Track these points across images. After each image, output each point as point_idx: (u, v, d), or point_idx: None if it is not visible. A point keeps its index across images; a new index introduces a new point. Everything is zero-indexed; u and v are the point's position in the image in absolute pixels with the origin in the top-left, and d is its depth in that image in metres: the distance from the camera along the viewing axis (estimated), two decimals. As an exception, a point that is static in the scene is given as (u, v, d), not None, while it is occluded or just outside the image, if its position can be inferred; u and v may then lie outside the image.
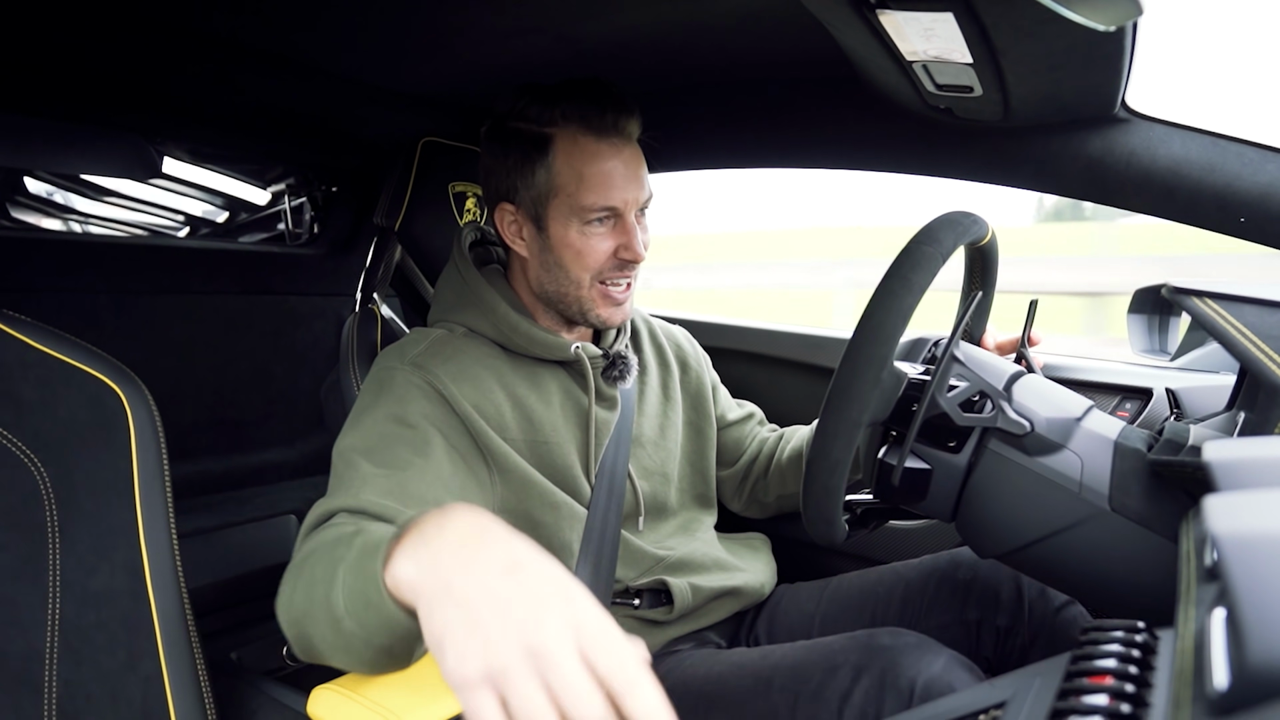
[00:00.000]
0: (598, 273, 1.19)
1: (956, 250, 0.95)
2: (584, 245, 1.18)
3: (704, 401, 1.47)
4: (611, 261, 1.19)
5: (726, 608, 1.33)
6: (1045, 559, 0.94)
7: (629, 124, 1.18)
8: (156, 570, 0.95)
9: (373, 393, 1.14)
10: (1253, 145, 1.16)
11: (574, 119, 1.15)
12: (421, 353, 1.16)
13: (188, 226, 2.34)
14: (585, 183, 1.15)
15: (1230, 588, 0.41)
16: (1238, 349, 0.81)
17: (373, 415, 1.10)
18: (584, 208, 1.16)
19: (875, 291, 0.90)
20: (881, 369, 0.88)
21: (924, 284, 0.89)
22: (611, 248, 1.19)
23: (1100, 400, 1.37)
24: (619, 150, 1.17)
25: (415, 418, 1.09)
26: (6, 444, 0.90)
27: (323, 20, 1.28)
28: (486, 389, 1.16)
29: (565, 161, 1.16)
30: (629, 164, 1.18)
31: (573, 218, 1.17)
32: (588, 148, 1.16)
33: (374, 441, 1.06)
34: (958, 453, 0.95)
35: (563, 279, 1.21)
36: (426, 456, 1.05)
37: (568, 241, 1.18)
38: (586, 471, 1.24)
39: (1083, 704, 0.48)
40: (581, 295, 1.21)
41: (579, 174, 1.15)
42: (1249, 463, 0.61)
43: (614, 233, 1.19)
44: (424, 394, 1.12)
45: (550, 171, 1.16)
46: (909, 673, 0.97)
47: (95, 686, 0.92)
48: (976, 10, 0.89)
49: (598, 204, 1.15)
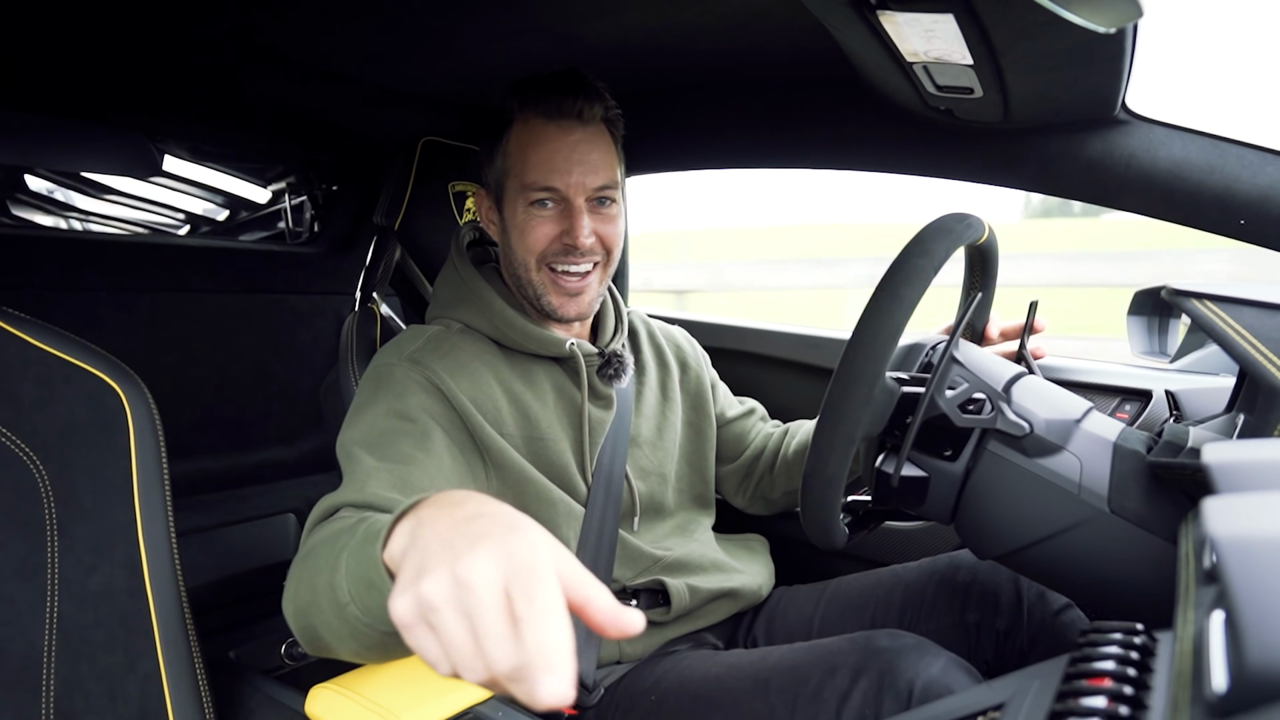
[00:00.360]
0: (542, 256, 1.20)
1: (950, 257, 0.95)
2: (527, 225, 1.19)
3: (704, 401, 1.47)
4: (556, 246, 1.19)
5: (724, 609, 1.33)
6: (1044, 561, 0.94)
7: (585, 108, 1.17)
8: (155, 569, 0.95)
9: (371, 388, 1.14)
10: (1253, 147, 1.16)
11: (529, 103, 1.17)
12: (419, 349, 1.17)
13: (188, 225, 2.34)
14: (528, 162, 1.17)
15: (1229, 590, 0.41)
16: (1237, 351, 0.81)
17: (373, 410, 1.11)
18: (525, 186, 1.17)
19: (865, 307, 0.90)
20: (873, 386, 0.88)
21: (915, 298, 0.89)
22: (554, 232, 1.19)
23: (1099, 402, 1.37)
24: (567, 132, 1.17)
25: (415, 412, 1.10)
26: (6, 442, 0.90)
27: (324, 19, 1.28)
28: (484, 384, 1.17)
29: (516, 143, 1.18)
30: (578, 147, 1.17)
31: (519, 198, 1.18)
32: (536, 129, 1.17)
33: (375, 436, 1.07)
34: (954, 460, 0.95)
35: (515, 262, 1.23)
36: (428, 450, 1.06)
37: (515, 222, 1.20)
38: (582, 470, 1.24)
39: (1081, 706, 0.48)
40: (532, 279, 1.22)
41: (525, 154, 1.17)
42: (1248, 465, 0.61)
43: (558, 217, 1.19)
44: (422, 388, 1.13)
45: (505, 154, 1.20)
46: (907, 674, 0.97)
47: (93, 685, 0.92)
48: (977, 11, 0.89)
49: (537, 183, 1.16)
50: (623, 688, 1.19)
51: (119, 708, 0.92)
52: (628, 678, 1.20)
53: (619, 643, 1.23)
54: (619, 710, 1.16)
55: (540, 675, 0.51)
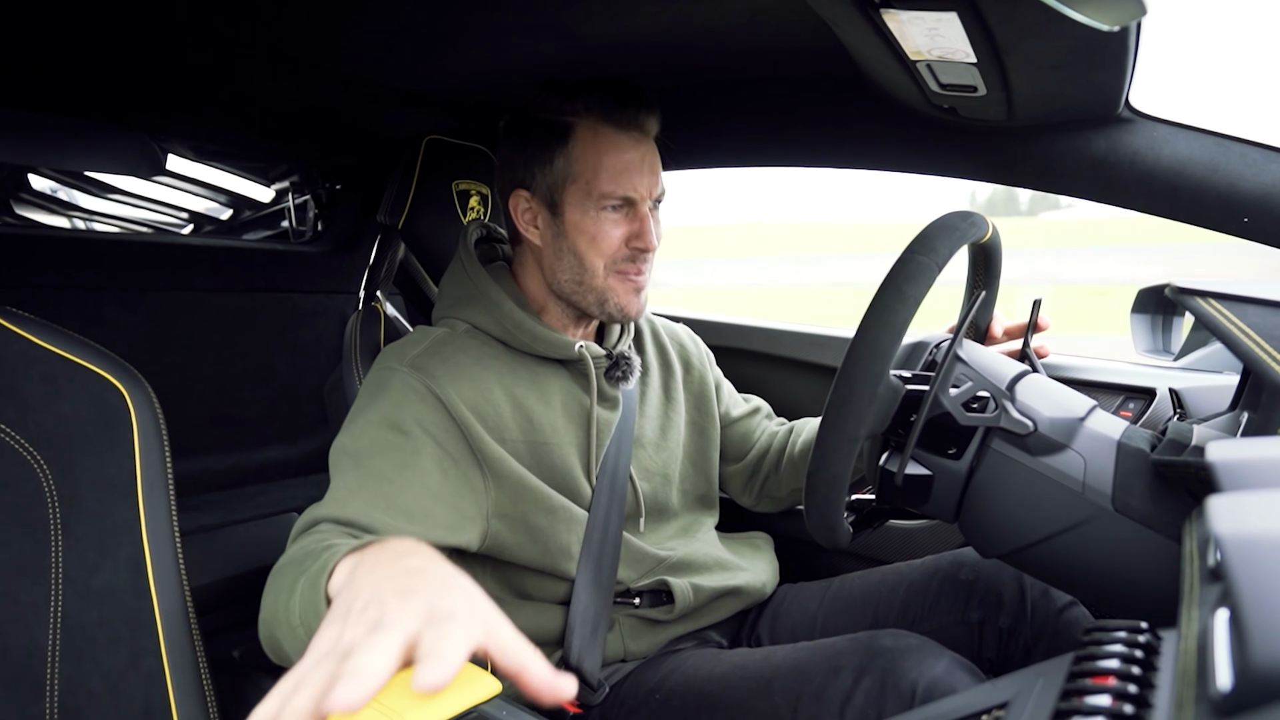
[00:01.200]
0: (611, 260, 1.21)
1: (953, 257, 0.95)
2: (598, 231, 1.19)
3: (707, 401, 1.47)
4: (624, 251, 1.21)
5: (728, 607, 1.33)
6: (1048, 559, 0.94)
7: (649, 120, 1.21)
8: (159, 568, 0.95)
9: (370, 394, 1.14)
10: (1257, 146, 1.16)
11: (596, 110, 1.18)
12: (421, 353, 1.16)
13: (191, 224, 2.35)
14: (603, 171, 1.18)
15: (1233, 589, 0.41)
16: (1241, 349, 0.81)
17: (367, 418, 1.11)
18: (601, 194, 1.18)
19: (869, 306, 0.90)
20: (877, 384, 0.88)
21: (919, 296, 0.89)
22: (624, 235, 1.20)
23: (1103, 400, 1.37)
24: (638, 143, 1.20)
25: (409, 423, 1.10)
26: (9, 441, 0.90)
27: (328, 18, 1.28)
28: (485, 389, 1.16)
29: (585, 150, 1.18)
30: (646, 157, 1.21)
31: (589, 204, 1.19)
32: (608, 137, 1.18)
33: (365, 446, 1.08)
34: (958, 459, 0.95)
35: (576, 266, 1.21)
36: (415, 467, 1.07)
37: (583, 227, 1.19)
38: (587, 472, 1.24)
39: (1085, 704, 0.48)
40: (597, 284, 1.22)
41: (598, 162, 1.18)
42: (1252, 463, 0.61)
43: (627, 220, 1.20)
44: (420, 397, 1.12)
45: (569, 159, 1.19)
46: (910, 675, 0.97)
47: (97, 684, 0.92)
48: (980, 10, 0.89)
49: (615, 192, 1.18)
50: (627, 686, 1.19)
51: (122, 706, 0.92)
52: (632, 676, 1.20)
53: (624, 641, 1.23)
54: (623, 709, 1.16)
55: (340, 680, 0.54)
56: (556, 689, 0.58)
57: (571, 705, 1.17)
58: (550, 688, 0.58)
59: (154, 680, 0.94)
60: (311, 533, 0.98)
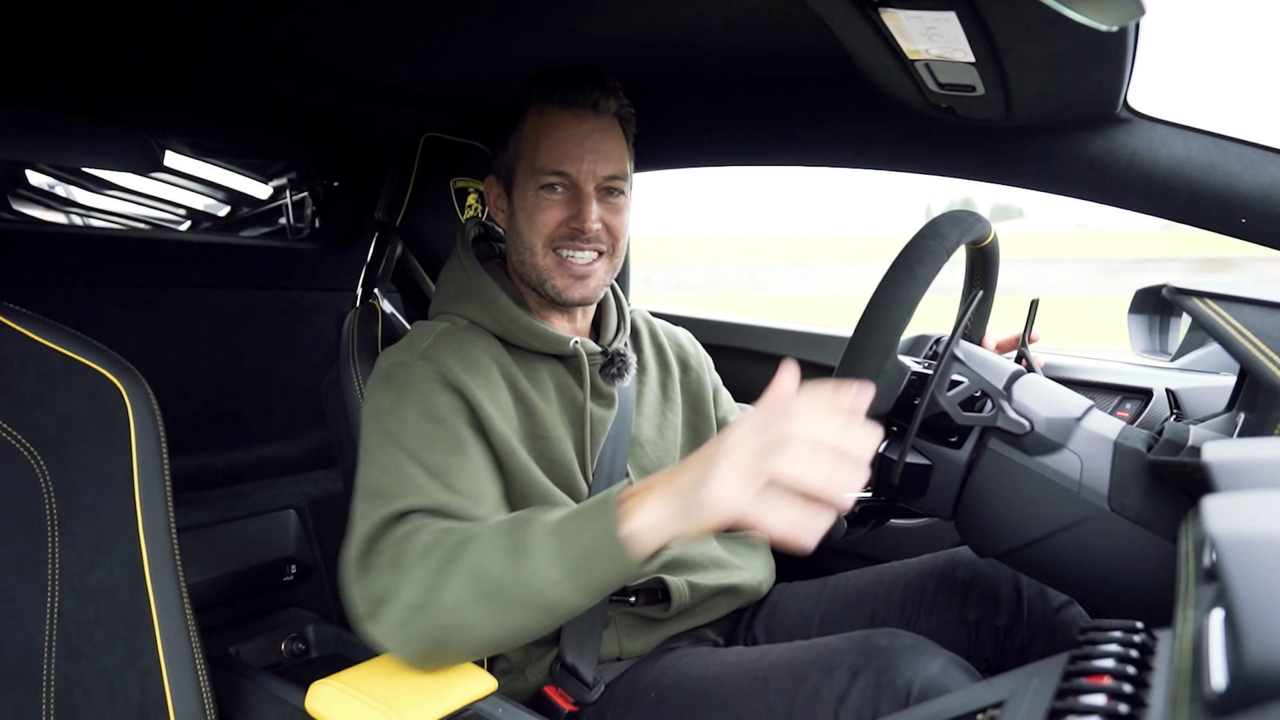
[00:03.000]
0: (549, 239, 1.21)
1: (960, 247, 0.95)
2: (536, 208, 1.20)
3: (704, 403, 1.47)
4: (564, 230, 1.20)
5: (724, 605, 1.33)
6: (1044, 558, 0.94)
7: (601, 100, 1.21)
8: (156, 565, 0.95)
9: (395, 391, 1.14)
10: (1254, 146, 1.16)
11: (545, 92, 1.20)
12: (430, 345, 1.17)
13: (189, 220, 2.34)
14: (541, 147, 1.19)
15: (1228, 589, 0.41)
16: (1238, 350, 0.81)
17: (403, 414, 1.11)
18: (536, 170, 1.19)
19: (880, 282, 0.90)
20: (885, 359, 0.88)
21: (929, 276, 0.89)
22: (562, 216, 1.20)
23: (1100, 400, 1.37)
24: (582, 121, 1.20)
25: (444, 412, 1.11)
26: (6, 437, 0.90)
27: (326, 16, 1.27)
28: (493, 380, 1.17)
29: (530, 129, 1.21)
30: (591, 135, 1.20)
31: (529, 182, 1.20)
32: (551, 115, 1.20)
33: (413, 440, 1.08)
34: (959, 448, 0.95)
35: (521, 246, 1.23)
36: (462, 454, 1.09)
37: (524, 205, 1.21)
38: (584, 469, 1.24)
39: (1081, 704, 0.48)
40: (538, 263, 1.22)
41: (538, 139, 1.20)
42: (1248, 464, 0.61)
43: (567, 202, 1.20)
44: (442, 386, 1.13)
45: (519, 138, 1.21)
46: (906, 674, 0.97)
47: (93, 681, 0.92)
48: (979, 9, 0.89)
49: (549, 167, 1.19)
50: (623, 684, 1.19)
51: (119, 703, 0.92)
52: (628, 674, 1.20)
53: (619, 640, 1.23)
54: (619, 707, 1.16)
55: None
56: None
57: (567, 702, 1.17)
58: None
59: (150, 677, 0.94)
60: (405, 523, 1.00)
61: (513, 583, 0.88)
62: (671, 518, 0.80)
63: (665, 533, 0.81)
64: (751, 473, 0.74)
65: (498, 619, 0.90)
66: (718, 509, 0.75)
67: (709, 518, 0.76)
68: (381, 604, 0.95)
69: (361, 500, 1.06)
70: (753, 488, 0.73)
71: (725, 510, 0.75)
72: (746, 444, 0.75)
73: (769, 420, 0.75)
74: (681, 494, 0.79)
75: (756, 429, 0.76)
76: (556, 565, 0.86)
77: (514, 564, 0.88)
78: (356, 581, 0.99)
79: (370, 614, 0.96)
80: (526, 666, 1.20)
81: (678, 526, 0.80)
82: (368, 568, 0.98)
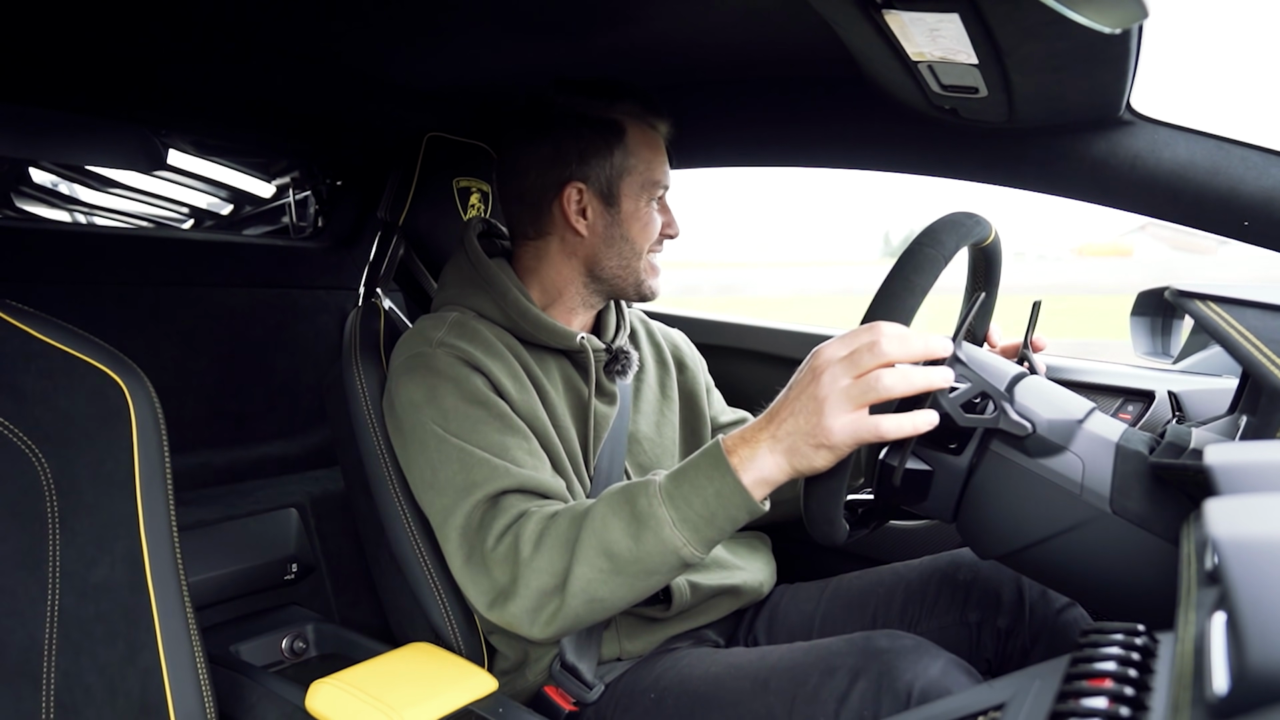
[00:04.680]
0: (650, 246, 1.30)
1: (959, 252, 0.95)
2: (649, 219, 1.29)
3: (699, 402, 1.48)
4: (658, 236, 1.31)
5: (725, 606, 1.33)
6: (1046, 561, 0.94)
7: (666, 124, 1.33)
8: (157, 563, 0.95)
9: (424, 380, 1.15)
10: (1258, 149, 1.16)
11: (638, 113, 1.28)
12: (445, 333, 1.19)
13: (192, 219, 2.35)
14: (654, 164, 1.29)
15: (1230, 592, 0.41)
16: (1240, 352, 0.81)
17: (442, 403, 1.13)
18: (654, 183, 1.28)
19: (877, 293, 0.91)
20: None
21: (926, 285, 0.90)
22: (661, 223, 1.31)
23: (1102, 402, 1.37)
24: (664, 138, 1.32)
25: (481, 393, 1.15)
26: (8, 435, 0.90)
27: (330, 14, 1.28)
28: (510, 363, 1.20)
29: (638, 145, 1.27)
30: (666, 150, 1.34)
31: (643, 194, 1.28)
32: (651, 136, 1.30)
33: (467, 428, 1.12)
34: (959, 454, 0.95)
35: (627, 251, 1.28)
36: (513, 428, 1.15)
37: (637, 215, 1.28)
38: (586, 464, 1.24)
39: (1082, 706, 0.48)
40: (638, 266, 1.30)
41: (649, 155, 1.28)
42: (1250, 466, 0.61)
43: (662, 210, 1.32)
44: (469, 370, 1.16)
45: (627, 153, 1.26)
46: (906, 676, 0.97)
47: (94, 678, 0.92)
48: (982, 11, 0.89)
49: (663, 182, 1.29)
50: (623, 685, 1.19)
51: (119, 701, 0.92)
52: (628, 675, 1.20)
53: (620, 640, 1.23)
54: (619, 707, 1.16)
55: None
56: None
57: (567, 702, 1.18)
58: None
59: (151, 675, 0.94)
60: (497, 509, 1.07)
61: (643, 553, 0.98)
62: (787, 460, 0.92)
63: (782, 476, 0.93)
64: (859, 400, 0.86)
65: (628, 588, 1.01)
66: (842, 440, 0.87)
67: (832, 451, 0.88)
68: (509, 594, 1.04)
69: (436, 496, 1.11)
70: (863, 412, 0.86)
71: (848, 439, 0.87)
72: (841, 379, 0.87)
73: (855, 353, 0.86)
74: (792, 437, 0.90)
75: (846, 365, 0.87)
76: (682, 528, 0.96)
77: (639, 536, 0.98)
78: (473, 578, 1.07)
79: (495, 603, 1.05)
80: (526, 666, 1.20)
81: (794, 467, 0.92)
82: (481, 560, 1.06)
